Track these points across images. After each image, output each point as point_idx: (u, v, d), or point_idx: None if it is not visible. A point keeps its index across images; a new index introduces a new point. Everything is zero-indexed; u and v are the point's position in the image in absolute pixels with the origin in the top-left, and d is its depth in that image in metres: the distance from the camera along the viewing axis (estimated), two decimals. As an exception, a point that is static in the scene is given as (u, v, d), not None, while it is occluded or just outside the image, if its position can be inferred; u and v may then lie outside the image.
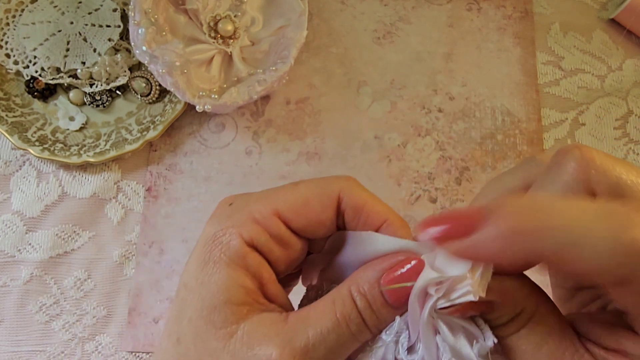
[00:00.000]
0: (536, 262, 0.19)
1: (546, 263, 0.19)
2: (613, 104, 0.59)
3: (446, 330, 0.23)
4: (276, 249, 0.24)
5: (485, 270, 0.20)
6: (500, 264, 0.19)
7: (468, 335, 0.23)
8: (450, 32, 0.60)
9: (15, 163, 0.53)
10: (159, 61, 0.48)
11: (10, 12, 0.54)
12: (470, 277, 0.20)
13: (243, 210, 0.24)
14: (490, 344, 0.22)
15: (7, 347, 0.49)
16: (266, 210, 0.23)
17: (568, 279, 0.24)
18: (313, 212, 0.24)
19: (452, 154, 0.56)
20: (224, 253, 0.23)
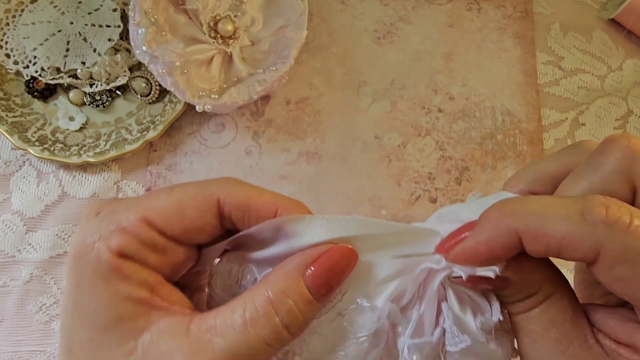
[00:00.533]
0: (517, 239, 0.20)
1: (525, 238, 0.20)
2: (613, 104, 0.59)
3: (454, 298, 0.23)
4: (152, 257, 0.22)
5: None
6: (493, 248, 0.21)
7: (475, 307, 0.23)
8: (450, 32, 0.60)
9: (15, 163, 0.53)
10: (159, 61, 0.47)
11: (10, 12, 0.54)
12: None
13: (109, 220, 0.22)
14: (495, 320, 0.23)
15: (7, 347, 0.49)
16: (135, 218, 0.21)
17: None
18: (188, 219, 0.22)
19: (452, 154, 0.56)
20: (95, 269, 0.21)
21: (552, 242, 0.20)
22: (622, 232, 0.19)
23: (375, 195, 0.54)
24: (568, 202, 0.20)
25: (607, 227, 0.19)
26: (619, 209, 0.19)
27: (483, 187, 0.55)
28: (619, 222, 0.19)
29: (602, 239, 0.19)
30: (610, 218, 0.19)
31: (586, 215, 0.19)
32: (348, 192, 0.54)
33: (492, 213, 0.21)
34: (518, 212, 0.20)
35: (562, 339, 0.21)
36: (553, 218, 0.20)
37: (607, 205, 0.19)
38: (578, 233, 0.19)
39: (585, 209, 0.19)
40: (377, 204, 0.54)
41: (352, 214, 0.53)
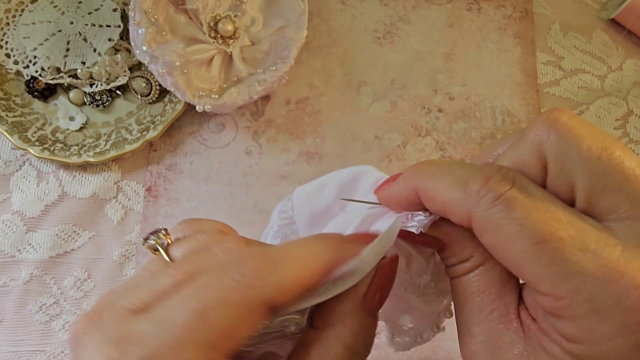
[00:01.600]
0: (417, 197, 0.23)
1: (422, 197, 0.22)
2: (613, 104, 0.59)
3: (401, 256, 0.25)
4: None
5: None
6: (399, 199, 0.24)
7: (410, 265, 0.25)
8: (450, 32, 0.60)
9: (15, 163, 0.53)
10: (159, 61, 0.47)
11: (10, 12, 0.54)
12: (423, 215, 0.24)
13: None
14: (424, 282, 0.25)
15: (7, 347, 0.49)
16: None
17: None
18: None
19: (452, 154, 0.56)
20: None
21: (437, 203, 0.22)
22: (488, 204, 0.20)
23: (375, 195, 0.54)
24: (461, 171, 0.21)
25: (477, 198, 0.20)
26: (498, 181, 0.20)
27: (483, 187, 0.55)
28: (489, 194, 0.20)
29: (471, 208, 0.20)
30: (483, 190, 0.20)
31: (467, 184, 0.20)
32: (348, 192, 0.54)
33: (408, 169, 0.24)
34: (420, 171, 0.23)
35: (483, 308, 0.22)
36: (443, 183, 0.21)
37: (489, 177, 0.20)
38: (455, 200, 0.21)
39: (470, 179, 0.20)
40: (377, 204, 0.54)
41: (352, 214, 0.53)
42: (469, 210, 0.20)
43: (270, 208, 0.53)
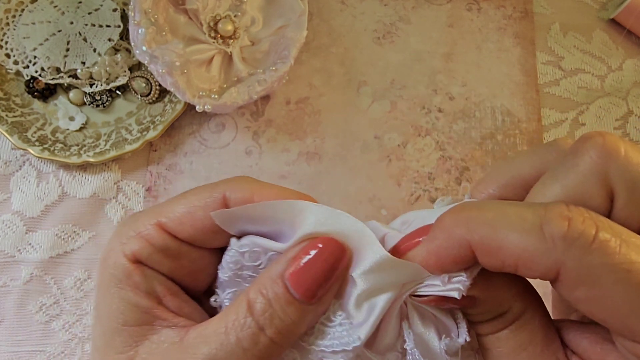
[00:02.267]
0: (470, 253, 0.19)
1: (478, 252, 0.18)
2: (613, 104, 0.59)
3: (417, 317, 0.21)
4: (165, 262, 0.22)
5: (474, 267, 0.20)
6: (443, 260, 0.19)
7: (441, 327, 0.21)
8: (450, 32, 0.60)
9: (15, 163, 0.53)
10: (159, 61, 0.47)
11: (10, 12, 0.54)
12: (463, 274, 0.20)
13: (130, 226, 0.22)
14: (461, 342, 0.21)
15: (7, 347, 0.49)
16: (150, 223, 0.22)
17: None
18: (198, 220, 0.22)
19: (452, 154, 0.56)
20: (112, 274, 0.22)
21: (507, 258, 0.18)
22: (583, 250, 0.17)
23: (375, 195, 0.54)
24: (527, 213, 0.18)
25: (567, 244, 0.17)
26: (582, 221, 0.17)
27: (483, 187, 0.55)
28: (581, 239, 0.17)
29: (561, 257, 0.17)
30: (572, 234, 0.17)
31: (545, 229, 0.17)
32: (348, 192, 0.54)
33: (445, 220, 0.19)
34: (472, 221, 0.18)
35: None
36: (509, 231, 0.18)
37: (569, 217, 0.17)
38: (535, 250, 0.17)
39: (545, 221, 0.17)
40: (377, 204, 0.54)
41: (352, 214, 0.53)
42: (557, 262, 0.17)
43: (270, 208, 0.53)
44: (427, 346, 0.21)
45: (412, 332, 0.21)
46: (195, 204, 0.22)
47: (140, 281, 0.22)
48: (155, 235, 0.22)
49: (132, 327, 0.21)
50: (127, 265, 0.21)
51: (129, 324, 0.21)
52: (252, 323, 0.20)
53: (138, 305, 0.21)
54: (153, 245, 0.22)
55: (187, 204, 0.22)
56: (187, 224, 0.22)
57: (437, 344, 0.21)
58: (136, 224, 0.22)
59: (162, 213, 0.22)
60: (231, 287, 0.23)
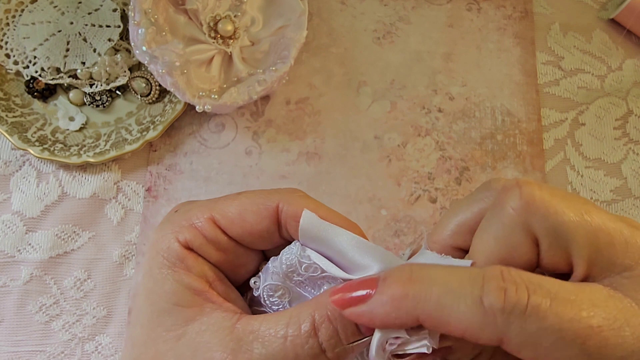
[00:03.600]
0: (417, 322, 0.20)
1: (427, 324, 0.20)
2: (613, 104, 0.59)
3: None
4: (214, 253, 0.24)
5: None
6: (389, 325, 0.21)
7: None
8: (450, 32, 0.60)
9: (15, 163, 0.53)
10: (159, 61, 0.47)
11: (10, 12, 0.54)
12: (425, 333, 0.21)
13: (183, 216, 0.24)
14: None
15: (7, 347, 0.49)
16: (203, 216, 0.24)
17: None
18: (248, 223, 0.24)
19: (452, 154, 0.56)
20: (165, 258, 0.23)
21: (454, 331, 0.19)
22: (519, 319, 0.18)
23: (375, 195, 0.54)
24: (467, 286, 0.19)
25: (505, 317, 0.18)
26: (516, 290, 0.18)
27: (483, 187, 0.55)
28: (516, 309, 0.18)
29: (502, 329, 0.18)
30: (508, 305, 0.18)
31: (485, 302, 0.19)
32: (348, 192, 0.54)
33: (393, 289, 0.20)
34: (419, 300, 0.20)
35: None
36: (454, 308, 0.19)
37: (504, 288, 0.19)
38: (478, 324, 0.19)
39: (484, 293, 0.19)
40: (377, 204, 0.54)
41: (352, 214, 0.53)
42: (498, 332, 0.19)
43: (270, 208, 0.53)
44: None
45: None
46: (248, 207, 0.24)
47: (193, 265, 0.23)
48: (208, 228, 0.24)
49: (184, 307, 0.22)
50: (181, 250, 0.23)
51: (181, 305, 0.22)
52: (315, 344, 0.21)
53: (190, 286, 0.23)
54: (205, 236, 0.24)
55: (240, 206, 0.24)
56: (238, 225, 0.24)
57: None
58: (189, 214, 0.24)
59: (215, 209, 0.24)
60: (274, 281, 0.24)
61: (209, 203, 0.24)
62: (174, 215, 0.25)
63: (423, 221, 0.53)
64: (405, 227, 0.53)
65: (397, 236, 0.53)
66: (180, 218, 0.24)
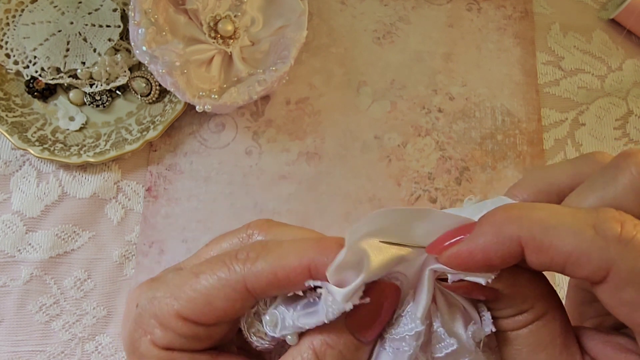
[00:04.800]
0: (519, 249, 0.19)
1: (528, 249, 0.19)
2: (613, 104, 0.59)
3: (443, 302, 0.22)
4: (198, 343, 0.22)
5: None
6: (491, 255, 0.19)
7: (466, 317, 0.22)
8: (450, 32, 0.60)
9: (15, 163, 0.53)
10: (159, 61, 0.47)
11: (10, 12, 0.54)
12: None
13: (149, 314, 0.22)
14: (487, 331, 0.21)
15: (7, 347, 0.49)
16: (171, 315, 0.22)
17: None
18: (219, 309, 0.21)
19: (452, 154, 0.56)
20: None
21: (557, 255, 0.18)
22: (637, 252, 0.17)
23: (375, 195, 0.54)
24: (579, 214, 0.18)
25: (621, 245, 0.17)
26: (635, 226, 0.17)
27: (483, 187, 0.55)
28: (635, 241, 0.17)
29: (614, 257, 0.17)
30: (626, 235, 0.17)
31: (598, 229, 0.17)
32: (348, 192, 0.54)
33: (495, 216, 0.19)
34: (524, 218, 0.18)
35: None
36: (562, 229, 0.18)
37: (622, 221, 0.18)
38: (588, 249, 0.17)
39: (598, 222, 0.18)
40: (377, 204, 0.54)
41: (352, 214, 0.53)
42: (609, 261, 0.17)
43: (271, 208, 0.53)
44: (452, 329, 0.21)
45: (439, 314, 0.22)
46: (212, 293, 0.21)
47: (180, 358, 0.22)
48: (180, 327, 0.22)
49: None
50: (164, 354, 0.22)
51: None
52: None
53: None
54: (182, 335, 0.22)
55: (204, 292, 0.21)
56: (209, 314, 0.22)
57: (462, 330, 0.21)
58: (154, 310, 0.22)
59: (179, 300, 0.22)
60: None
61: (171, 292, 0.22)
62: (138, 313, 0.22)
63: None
64: (405, 227, 0.53)
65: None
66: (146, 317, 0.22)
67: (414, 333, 0.21)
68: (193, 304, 0.21)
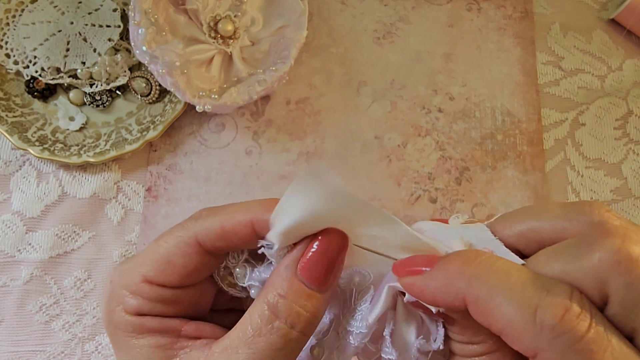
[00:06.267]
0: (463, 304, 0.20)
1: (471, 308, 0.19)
2: (613, 104, 0.59)
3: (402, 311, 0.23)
4: (167, 307, 0.24)
5: None
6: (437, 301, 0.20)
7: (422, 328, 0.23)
8: (450, 32, 0.60)
9: (15, 163, 0.53)
10: (159, 61, 0.47)
11: (10, 12, 0.54)
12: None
13: (120, 284, 0.24)
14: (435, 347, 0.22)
15: (7, 347, 0.49)
16: (137, 280, 0.23)
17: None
18: (179, 267, 0.23)
19: (452, 154, 0.56)
20: (122, 330, 0.23)
21: (495, 323, 0.19)
22: (566, 346, 0.17)
23: (375, 195, 0.54)
24: (528, 290, 0.18)
25: (553, 336, 0.17)
26: (577, 316, 0.17)
27: (483, 187, 0.55)
28: (566, 336, 0.17)
29: (543, 345, 0.17)
30: (562, 327, 0.17)
31: (539, 313, 0.18)
32: (348, 192, 0.54)
33: (451, 265, 0.20)
34: (474, 278, 0.19)
35: None
36: (506, 302, 0.18)
37: (566, 309, 0.17)
38: (523, 329, 0.18)
39: (541, 305, 0.18)
40: (377, 204, 0.54)
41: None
42: (536, 347, 0.17)
43: (270, 208, 0.53)
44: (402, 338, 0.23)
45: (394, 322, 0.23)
46: (171, 252, 0.23)
47: (153, 326, 0.23)
48: (148, 290, 0.23)
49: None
50: (135, 319, 0.23)
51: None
52: (281, 324, 0.21)
53: (158, 345, 0.23)
54: (149, 299, 0.23)
55: (163, 253, 0.23)
56: (171, 273, 0.23)
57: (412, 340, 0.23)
58: (124, 281, 0.24)
59: (144, 266, 0.24)
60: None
61: (136, 260, 0.24)
62: (111, 286, 0.24)
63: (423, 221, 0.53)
64: (405, 227, 0.53)
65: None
66: (118, 288, 0.24)
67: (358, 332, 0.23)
68: (155, 265, 0.23)
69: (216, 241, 0.23)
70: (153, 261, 0.23)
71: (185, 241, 0.23)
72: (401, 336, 0.23)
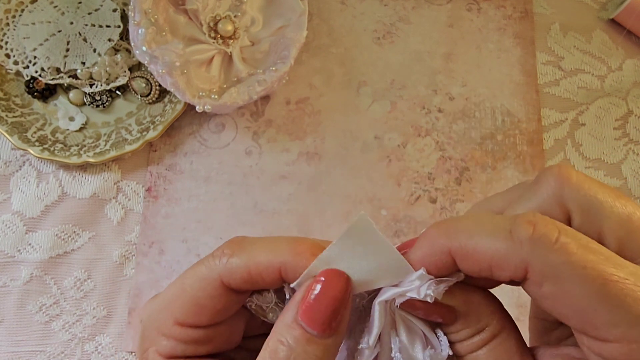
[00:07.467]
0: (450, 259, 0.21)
1: (457, 258, 0.20)
2: (613, 104, 0.59)
3: (403, 328, 0.23)
4: (200, 348, 0.24)
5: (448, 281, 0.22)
6: (428, 264, 0.21)
7: (424, 342, 0.23)
8: (450, 32, 0.60)
9: (15, 163, 0.53)
10: (159, 61, 0.47)
11: (10, 12, 0.54)
12: (431, 279, 0.22)
13: (151, 327, 0.24)
14: (444, 355, 0.22)
15: (7, 347, 0.49)
16: (169, 323, 0.23)
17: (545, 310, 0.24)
18: (207, 308, 0.23)
19: (452, 154, 0.56)
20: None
21: (482, 260, 0.20)
22: (547, 249, 0.18)
23: (375, 196, 0.54)
24: (498, 221, 0.20)
25: (532, 244, 0.19)
26: (545, 225, 0.19)
27: (483, 187, 0.55)
28: (544, 239, 0.19)
29: (527, 256, 0.19)
30: (536, 235, 0.19)
31: (513, 233, 0.19)
32: (348, 192, 0.54)
33: (429, 231, 0.22)
34: (451, 229, 0.21)
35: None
36: (482, 236, 0.20)
37: (534, 222, 0.19)
38: (505, 251, 0.19)
39: (513, 226, 0.19)
40: (377, 204, 0.54)
41: (352, 214, 0.53)
42: (524, 260, 0.19)
43: (271, 208, 0.53)
44: (411, 355, 0.22)
45: (399, 339, 0.23)
46: (197, 295, 0.23)
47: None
48: (180, 332, 0.23)
49: None
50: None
51: None
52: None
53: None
54: (182, 341, 0.23)
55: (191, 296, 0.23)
56: (201, 314, 0.23)
57: (420, 355, 0.22)
58: (156, 324, 0.24)
59: (174, 309, 0.23)
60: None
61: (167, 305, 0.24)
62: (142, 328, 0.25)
63: (423, 221, 0.53)
64: (406, 227, 0.53)
65: (397, 236, 0.53)
66: (149, 330, 0.24)
67: (366, 353, 0.23)
68: (185, 307, 0.23)
69: (242, 284, 0.23)
70: (182, 304, 0.23)
71: (211, 284, 0.23)
72: (409, 354, 0.23)
